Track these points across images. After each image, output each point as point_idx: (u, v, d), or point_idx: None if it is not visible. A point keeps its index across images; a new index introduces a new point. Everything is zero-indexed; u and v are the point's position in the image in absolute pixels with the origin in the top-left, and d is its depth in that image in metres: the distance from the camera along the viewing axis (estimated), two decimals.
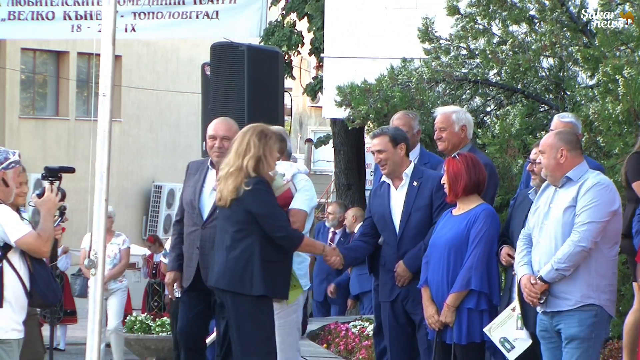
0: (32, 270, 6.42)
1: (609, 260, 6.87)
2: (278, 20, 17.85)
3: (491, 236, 7.44)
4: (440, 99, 10.47)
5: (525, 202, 7.49)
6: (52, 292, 6.50)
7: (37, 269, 6.44)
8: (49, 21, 14.18)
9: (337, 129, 17.41)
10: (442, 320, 7.41)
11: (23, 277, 6.39)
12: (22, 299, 6.41)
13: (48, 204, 6.49)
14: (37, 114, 31.66)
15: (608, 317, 6.90)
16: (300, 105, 37.58)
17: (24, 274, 6.40)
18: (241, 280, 7.25)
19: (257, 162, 7.27)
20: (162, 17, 13.77)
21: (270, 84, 10.33)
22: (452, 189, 7.52)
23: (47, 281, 6.47)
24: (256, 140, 7.29)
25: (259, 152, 7.27)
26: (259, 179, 7.26)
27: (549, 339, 6.95)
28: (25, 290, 6.40)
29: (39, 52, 31.05)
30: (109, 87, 5.62)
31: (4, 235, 6.32)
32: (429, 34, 11.05)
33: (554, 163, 6.91)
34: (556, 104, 10.45)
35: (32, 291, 6.42)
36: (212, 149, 7.97)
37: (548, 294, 6.83)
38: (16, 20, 14.27)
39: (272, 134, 7.40)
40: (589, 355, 6.80)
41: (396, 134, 7.99)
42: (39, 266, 6.46)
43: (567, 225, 6.79)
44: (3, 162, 6.44)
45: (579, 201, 6.78)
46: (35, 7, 14.18)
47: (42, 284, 6.43)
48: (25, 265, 6.40)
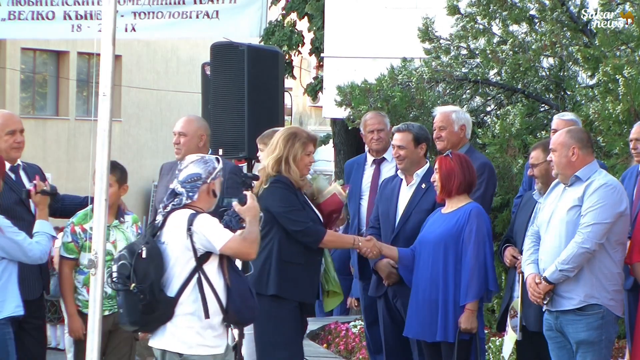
0: (229, 284, 6.03)
1: (614, 261, 6.85)
2: (278, 20, 17.85)
3: (484, 234, 7.44)
4: (440, 99, 10.47)
5: (529, 202, 7.49)
6: (248, 309, 6.07)
7: (235, 283, 6.04)
8: (49, 21, 14.17)
9: (337, 129, 17.41)
10: (466, 327, 7.39)
11: (218, 291, 6.00)
12: (216, 314, 6.02)
13: (253, 210, 6.18)
14: (37, 113, 31.68)
15: (615, 317, 6.89)
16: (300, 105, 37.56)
17: (219, 287, 6.01)
18: (259, 279, 7.18)
19: (278, 163, 7.22)
20: (162, 17, 13.76)
21: (270, 84, 10.32)
22: (445, 187, 7.48)
23: (244, 297, 6.05)
24: (281, 142, 7.25)
25: (280, 154, 7.22)
26: (278, 178, 7.20)
27: (555, 338, 6.96)
28: (220, 305, 6.00)
29: (39, 52, 31.08)
30: (109, 87, 5.61)
31: (208, 243, 5.97)
32: (429, 34, 11.05)
33: (565, 161, 6.88)
34: (556, 104, 10.45)
35: (228, 307, 6.01)
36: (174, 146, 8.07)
37: (552, 294, 6.83)
38: (16, 20, 14.26)
39: (302, 138, 7.30)
40: (601, 357, 6.81)
41: (419, 134, 7.98)
42: (237, 280, 6.06)
43: (572, 224, 6.78)
44: (212, 172, 6.13)
45: (585, 201, 6.76)
46: (35, 7, 14.17)
47: (239, 299, 6.02)
48: (222, 279, 6.02)
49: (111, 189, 7.25)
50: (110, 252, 7.27)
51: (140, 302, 5.87)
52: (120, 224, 7.54)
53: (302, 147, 7.27)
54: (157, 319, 5.97)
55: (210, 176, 6.11)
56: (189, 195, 6.06)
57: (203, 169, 6.11)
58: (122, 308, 6.01)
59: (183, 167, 6.14)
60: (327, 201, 7.41)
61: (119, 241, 7.43)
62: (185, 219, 5.98)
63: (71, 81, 31.40)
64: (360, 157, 9.14)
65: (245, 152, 9.92)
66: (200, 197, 6.09)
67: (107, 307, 7.28)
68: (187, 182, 6.08)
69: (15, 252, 6.89)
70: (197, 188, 6.07)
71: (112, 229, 7.44)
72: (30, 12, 14.19)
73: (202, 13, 13.59)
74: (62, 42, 28.96)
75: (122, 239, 7.46)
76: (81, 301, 7.41)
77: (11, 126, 7.43)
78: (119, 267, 5.97)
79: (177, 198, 6.07)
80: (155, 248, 5.96)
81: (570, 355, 6.88)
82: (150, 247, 5.95)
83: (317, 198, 7.42)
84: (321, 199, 7.37)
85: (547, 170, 7.26)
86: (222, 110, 10.15)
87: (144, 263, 5.90)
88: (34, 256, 6.98)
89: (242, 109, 10.03)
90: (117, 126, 29.71)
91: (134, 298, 5.89)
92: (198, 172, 6.09)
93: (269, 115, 10.05)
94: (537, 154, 7.48)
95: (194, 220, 5.96)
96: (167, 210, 6.07)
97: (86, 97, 32.30)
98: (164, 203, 6.11)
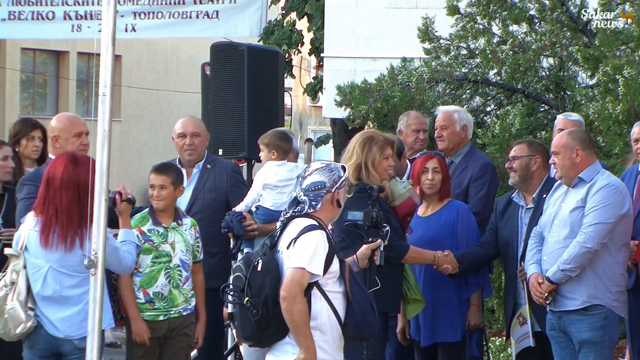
0: (350, 297, 5.69)
1: (616, 261, 6.85)
2: (278, 19, 17.85)
3: (475, 229, 7.53)
4: (440, 99, 10.48)
5: (512, 208, 7.48)
6: (368, 324, 5.73)
7: (356, 296, 5.69)
8: (49, 21, 14.16)
9: (337, 129, 17.41)
10: (475, 322, 7.41)
11: (336, 303, 5.67)
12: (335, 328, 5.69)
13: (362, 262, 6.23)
14: (37, 113, 31.66)
15: (618, 317, 6.90)
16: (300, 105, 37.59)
17: (338, 300, 5.68)
18: None
19: (358, 170, 6.98)
20: (162, 17, 13.74)
21: (270, 84, 10.32)
22: (444, 187, 7.53)
23: (364, 311, 5.71)
24: (358, 148, 7.03)
25: (359, 160, 6.99)
26: (361, 187, 6.88)
27: (557, 338, 6.97)
28: (338, 318, 5.67)
29: (39, 52, 31.09)
30: (109, 87, 5.60)
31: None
32: (429, 34, 11.05)
33: (569, 163, 6.87)
34: (556, 104, 10.45)
35: (346, 320, 5.67)
36: (183, 147, 7.97)
37: (555, 294, 6.83)
38: (16, 20, 14.25)
39: (378, 141, 7.05)
40: (604, 357, 6.81)
41: None
42: (359, 294, 5.72)
43: (576, 225, 6.78)
44: (337, 181, 5.81)
45: (588, 202, 6.76)
46: (35, 7, 14.16)
47: (359, 313, 5.68)
48: (341, 291, 5.69)
49: (166, 190, 7.26)
50: (168, 254, 7.21)
51: (253, 317, 5.57)
52: (178, 226, 7.32)
53: (380, 150, 7.03)
54: (272, 335, 5.65)
55: (335, 185, 5.80)
56: (311, 204, 5.75)
57: (328, 178, 5.81)
58: (237, 322, 5.70)
59: (307, 174, 5.85)
60: (402, 204, 7.19)
61: (178, 243, 7.26)
62: (299, 228, 5.67)
63: (71, 81, 31.40)
64: None
65: (245, 152, 9.91)
66: (323, 206, 5.77)
67: (162, 312, 7.18)
68: (310, 190, 5.77)
69: (112, 260, 6.39)
70: (321, 197, 5.76)
71: (170, 231, 7.27)
72: (30, 12, 14.18)
73: (202, 13, 13.58)
74: (62, 42, 28.96)
75: (180, 240, 7.28)
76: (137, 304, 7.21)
77: (77, 128, 7.34)
78: (234, 280, 5.69)
79: (299, 206, 5.77)
80: (272, 260, 5.65)
81: (573, 355, 6.89)
82: (267, 259, 5.65)
83: (392, 201, 7.19)
84: (396, 202, 7.16)
85: (528, 165, 7.28)
86: (222, 110, 10.15)
87: (259, 276, 5.61)
88: (126, 265, 6.63)
89: (242, 109, 10.03)
90: (117, 126, 29.70)
91: (247, 313, 5.60)
92: (322, 181, 5.79)
93: (268, 115, 10.05)
94: (521, 147, 7.47)
95: (304, 234, 5.63)
96: (287, 217, 5.78)
97: (86, 97, 32.30)
98: (285, 210, 5.83)
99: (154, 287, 7.17)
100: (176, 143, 8.08)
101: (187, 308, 7.26)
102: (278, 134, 8.04)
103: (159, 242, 7.21)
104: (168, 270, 7.19)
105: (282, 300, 5.53)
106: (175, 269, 7.21)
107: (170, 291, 7.18)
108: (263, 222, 7.79)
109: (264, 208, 7.78)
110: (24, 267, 6.44)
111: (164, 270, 7.18)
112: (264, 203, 7.80)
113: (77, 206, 6.31)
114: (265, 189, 7.82)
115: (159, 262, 7.19)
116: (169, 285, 7.18)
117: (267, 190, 7.82)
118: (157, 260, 7.19)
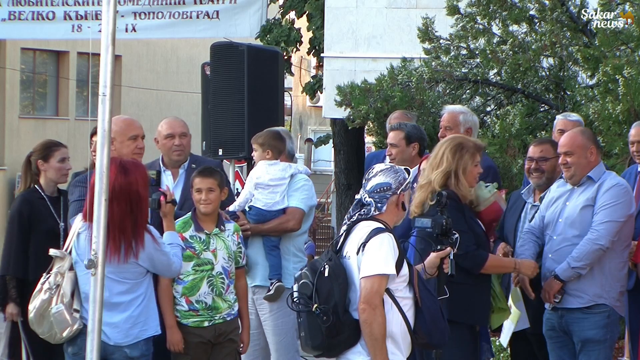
0: (420, 303, 5.57)
1: (621, 261, 6.87)
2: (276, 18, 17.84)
3: None
4: (440, 99, 10.48)
5: (518, 202, 7.46)
6: (439, 331, 5.59)
7: (426, 303, 5.57)
8: (49, 21, 14.18)
9: (337, 129, 17.41)
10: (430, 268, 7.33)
11: (406, 310, 5.53)
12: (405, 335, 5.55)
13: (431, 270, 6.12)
14: (37, 113, 31.68)
15: (618, 317, 6.92)
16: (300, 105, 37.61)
17: (407, 307, 5.55)
18: None
19: (446, 177, 6.73)
20: (162, 17, 13.77)
21: (270, 84, 10.33)
22: None
23: (435, 318, 5.58)
24: (449, 155, 6.75)
25: (450, 167, 6.73)
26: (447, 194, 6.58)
27: (556, 337, 6.96)
28: (407, 325, 5.53)
29: (39, 52, 31.08)
30: (109, 87, 5.60)
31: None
32: (429, 34, 11.06)
33: (585, 162, 6.87)
34: (556, 104, 10.45)
35: (416, 327, 5.55)
36: (172, 148, 7.85)
37: (564, 292, 6.83)
38: (16, 20, 14.27)
39: (470, 148, 6.79)
40: (605, 356, 6.82)
41: (411, 132, 7.86)
42: (429, 300, 5.61)
43: (585, 224, 6.78)
44: (402, 183, 5.68)
45: (598, 200, 6.77)
46: (35, 7, 14.18)
47: (430, 320, 5.56)
48: (411, 297, 5.57)
49: (214, 193, 7.09)
50: (210, 261, 7.05)
51: (323, 324, 5.42)
52: (220, 232, 7.15)
53: (471, 158, 6.77)
54: (343, 342, 5.49)
55: (400, 187, 5.66)
56: (377, 206, 5.61)
57: (393, 179, 5.67)
58: (304, 331, 5.53)
59: (370, 176, 5.71)
60: (488, 209, 6.97)
61: (220, 250, 7.10)
62: (367, 231, 5.54)
63: (71, 81, 31.40)
64: (380, 152, 9.03)
65: (245, 152, 9.91)
66: (388, 208, 5.63)
67: (207, 318, 7.04)
68: (375, 192, 5.64)
69: (162, 266, 6.31)
70: (386, 199, 5.63)
71: (212, 237, 7.10)
72: (30, 13, 14.20)
73: (202, 13, 13.60)
74: (62, 42, 28.95)
75: (222, 247, 7.12)
76: (180, 312, 7.04)
77: (133, 131, 7.24)
78: (300, 287, 5.54)
79: (364, 208, 5.63)
80: (338, 265, 5.52)
81: (572, 355, 6.88)
82: (334, 264, 5.51)
83: (477, 206, 6.97)
84: (481, 207, 6.95)
85: (556, 166, 7.21)
86: (222, 110, 10.15)
87: (327, 282, 5.47)
88: (175, 270, 6.45)
89: (242, 109, 10.03)
90: None
91: (316, 320, 5.44)
92: (388, 182, 5.64)
93: (268, 115, 10.06)
94: (547, 148, 7.36)
95: (373, 237, 5.49)
96: (352, 221, 5.64)
97: (86, 97, 32.30)
98: (350, 214, 5.69)
99: (197, 296, 7.02)
100: (163, 144, 7.91)
101: (230, 313, 7.13)
102: (273, 134, 7.99)
103: (200, 250, 7.06)
104: (210, 278, 7.04)
105: (362, 312, 5.41)
106: (217, 277, 7.06)
107: (213, 299, 7.05)
108: (256, 222, 7.72)
109: (256, 208, 7.74)
110: (69, 269, 6.27)
111: (207, 279, 7.03)
112: (256, 203, 7.75)
113: (129, 217, 6.15)
114: (258, 188, 7.78)
115: (201, 270, 7.04)
116: (211, 293, 7.04)
117: (260, 190, 7.77)
118: (199, 268, 7.04)
